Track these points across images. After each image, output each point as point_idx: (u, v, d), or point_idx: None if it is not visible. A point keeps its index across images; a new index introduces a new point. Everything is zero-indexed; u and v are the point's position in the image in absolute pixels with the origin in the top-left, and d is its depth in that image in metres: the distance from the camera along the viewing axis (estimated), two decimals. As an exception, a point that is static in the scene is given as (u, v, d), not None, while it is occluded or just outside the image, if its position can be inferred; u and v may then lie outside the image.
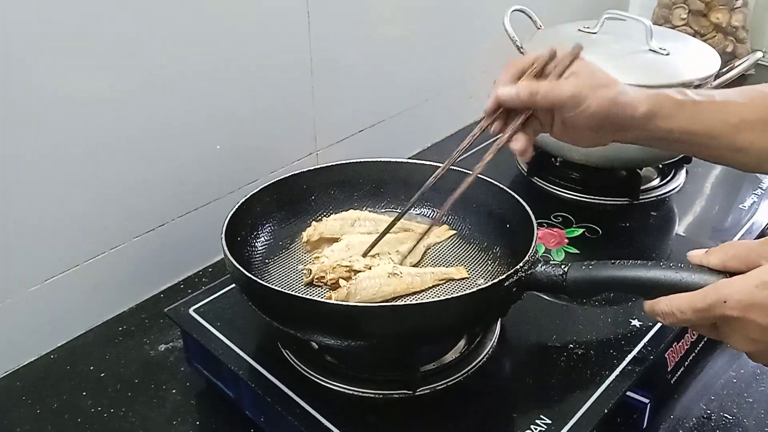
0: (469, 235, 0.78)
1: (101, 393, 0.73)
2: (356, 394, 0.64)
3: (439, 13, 1.12)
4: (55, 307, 0.78)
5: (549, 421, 0.61)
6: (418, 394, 0.64)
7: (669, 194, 0.97)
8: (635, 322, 0.71)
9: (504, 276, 0.61)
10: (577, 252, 0.84)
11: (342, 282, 0.68)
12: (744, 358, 0.68)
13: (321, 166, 0.81)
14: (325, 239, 0.75)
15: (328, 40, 0.95)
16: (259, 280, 0.62)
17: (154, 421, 0.70)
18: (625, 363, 0.67)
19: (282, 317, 0.64)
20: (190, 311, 0.73)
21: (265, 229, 0.77)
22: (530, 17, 1.02)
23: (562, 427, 0.60)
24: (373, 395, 0.64)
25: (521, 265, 0.62)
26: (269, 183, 0.76)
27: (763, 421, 0.71)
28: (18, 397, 0.73)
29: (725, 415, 0.72)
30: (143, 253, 0.84)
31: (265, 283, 0.62)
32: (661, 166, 1.02)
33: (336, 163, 0.81)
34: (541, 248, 0.84)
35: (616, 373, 0.66)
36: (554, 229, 0.88)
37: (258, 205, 0.75)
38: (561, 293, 0.63)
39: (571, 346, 0.69)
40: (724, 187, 1.01)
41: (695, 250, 0.56)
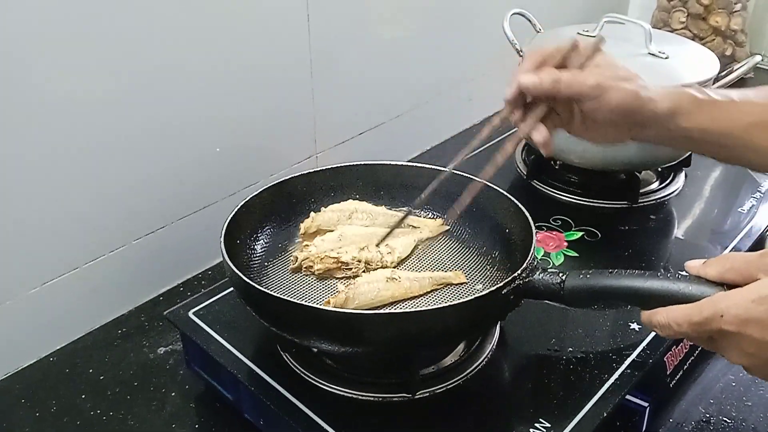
0: (468, 239, 0.78)
1: (100, 395, 0.73)
2: (355, 397, 0.64)
3: (439, 16, 1.12)
4: (55, 309, 0.78)
5: (548, 425, 0.61)
6: (418, 397, 0.64)
7: (668, 197, 0.97)
8: (634, 326, 0.71)
9: (501, 284, 0.61)
10: (577, 255, 0.84)
11: (340, 287, 0.68)
12: (743, 362, 0.68)
13: (321, 168, 0.81)
14: (323, 231, 0.75)
15: (328, 42, 0.95)
16: (258, 286, 0.62)
17: (153, 424, 0.70)
18: (624, 366, 0.67)
19: (280, 323, 0.64)
20: (190, 314, 0.73)
21: (265, 232, 0.77)
22: (529, 20, 1.03)
23: (561, 430, 0.60)
24: (373, 398, 0.64)
25: (519, 272, 0.62)
26: (269, 185, 0.76)
27: (762, 424, 0.71)
28: (17, 399, 0.73)
29: (724, 419, 0.72)
30: (143, 255, 0.84)
31: (264, 289, 0.62)
32: (660, 169, 1.03)
33: (336, 165, 0.81)
34: (540, 251, 0.84)
35: (616, 376, 0.66)
36: (553, 233, 0.88)
37: (257, 208, 0.75)
38: (558, 301, 0.64)
39: (571, 350, 0.69)
40: (723, 191, 1.02)
41: (693, 261, 0.56)
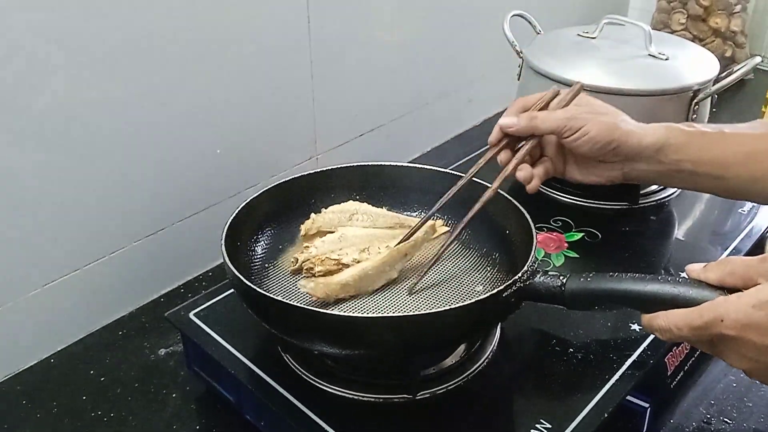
0: (468, 241, 0.78)
1: (101, 397, 0.73)
2: (357, 398, 0.64)
3: (438, 17, 1.12)
4: (56, 311, 0.78)
5: (549, 426, 0.61)
6: (419, 398, 0.64)
7: (668, 198, 0.97)
8: (635, 327, 0.71)
9: (502, 287, 0.61)
10: (577, 256, 0.84)
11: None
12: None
13: (321, 169, 0.81)
14: (324, 232, 0.75)
15: (329, 44, 0.95)
16: (258, 289, 0.62)
17: (154, 426, 0.70)
18: (624, 367, 0.67)
19: (281, 326, 0.64)
20: (191, 315, 0.73)
21: (265, 233, 0.77)
22: (530, 22, 1.03)
23: (562, 431, 0.60)
24: (374, 399, 0.64)
25: (519, 275, 0.62)
26: (269, 187, 0.76)
27: (763, 425, 0.71)
28: (18, 401, 0.73)
29: (725, 420, 0.72)
30: (143, 257, 0.84)
31: (264, 292, 0.62)
32: (660, 170, 1.03)
33: (336, 166, 0.81)
34: (540, 252, 0.84)
35: (616, 377, 0.66)
36: (554, 234, 0.88)
37: (258, 210, 0.75)
38: (559, 304, 0.64)
39: (571, 351, 0.69)
40: (724, 192, 1.02)
41: (694, 264, 0.57)
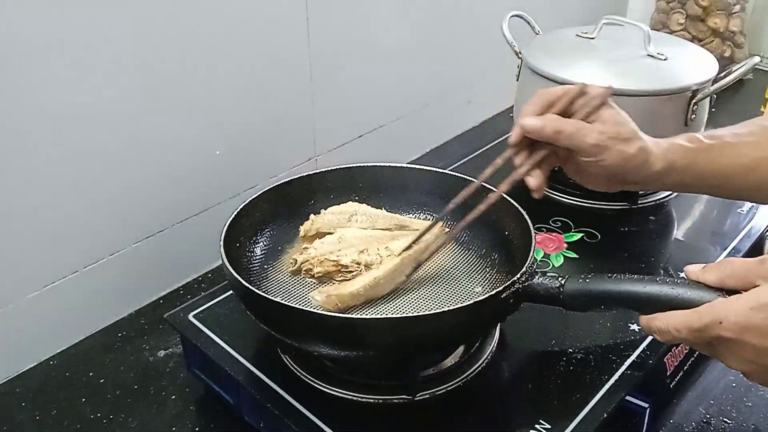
0: (467, 242, 0.78)
1: (101, 399, 0.73)
2: (356, 399, 0.64)
3: (437, 18, 1.12)
4: (55, 313, 0.78)
5: (548, 426, 0.61)
6: (418, 399, 0.64)
7: (667, 199, 0.97)
8: (634, 327, 0.71)
9: (501, 288, 0.61)
10: (576, 257, 0.84)
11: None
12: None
13: (320, 170, 0.81)
14: (323, 233, 0.75)
15: (328, 45, 0.95)
16: (257, 291, 0.62)
17: (154, 427, 0.70)
18: (624, 367, 0.67)
19: (279, 327, 0.64)
20: (190, 317, 0.73)
21: (264, 234, 0.77)
22: (528, 23, 1.03)
23: (561, 431, 0.60)
24: (373, 400, 0.64)
25: (518, 277, 0.62)
26: (268, 188, 0.76)
27: (763, 425, 0.71)
28: (17, 403, 0.73)
29: (725, 420, 0.72)
30: (143, 258, 0.84)
31: (263, 294, 0.62)
32: (659, 170, 1.03)
33: (335, 167, 0.81)
34: (540, 253, 0.84)
35: (616, 377, 0.66)
36: (553, 234, 0.88)
37: (257, 211, 0.75)
38: (557, 305, 0.64)
39: (571, 351, 0.69)
40: (723, 192, 1.02)
41: (692, 266, 0.57)
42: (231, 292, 0.74)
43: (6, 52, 0.66)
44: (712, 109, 1.00)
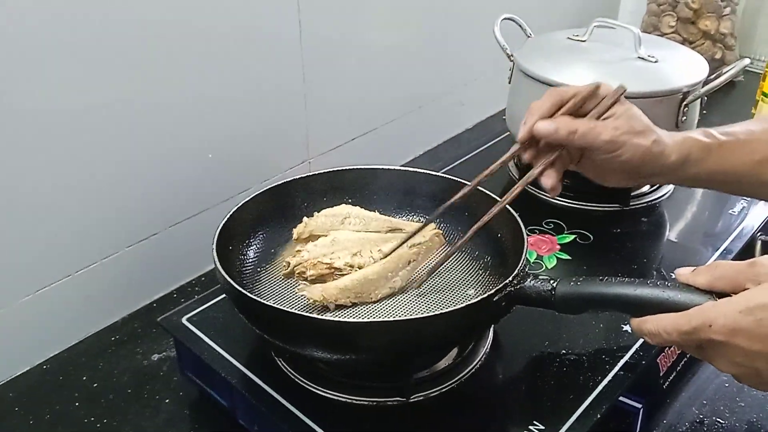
0: (461, 244, 0.78)
1: (94, 403, 0.73)
2: (350, 401, 0.64)
3: (430, 21, 1.12)
4: (48, 317, 0.78)
5: (542, 427, 0.61)
6: (412, 401, 0.64)
7: (659, 200, 0.98)
8: (627, 328, 0.72)
9: (493, 291, 0.61)
10: (569, 258, 0.85)
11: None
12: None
13: (313, 173, 0.81)
14: (316, 236, 0.76)
15: (320, 48, 0.95)
16: (250, 294, 0.62)
17: (148, 431, 0.70)
18: (617, 368, 0.67)
19: (272, 331, 0.64)
20: (183, 320, 0.73)
21: (258, 237, 0.77)
22: (520, 25, 1.03)
23: (555, 432, 0.60)
24: (367, 403, 0.64)
25: (510, 280, 0.62)
26: (260, 191, 0.76)
27: (756, 425, 0.71)
28: (11, 407, 0.72)
29: (718, 420, 0.72)
30: (136, 262, 0.84)
31: (256, 298, 0.62)
32: (651, 172, 1.03)
33: (328, 170, 0.81)
34: (532, 255, 0.85)
35: (609, 378, 0.66)
36: (546, 236, 0.89)
37: (249, 214, 0.75)
38: (549, 308, 0.64)
39: (564, 352, 0.69)
40: (714, 193, 1.02)
41: (683, 268, 0.57)
42: (224, 295, 0.74)
43: (1, 54, 0.66)
44: (703, 111, 1.01)
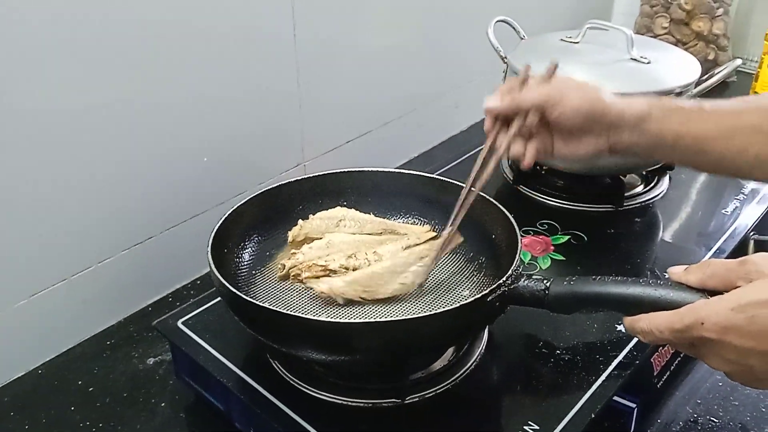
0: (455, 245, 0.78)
1: (90, 407, 0.73)
2: (346, 403, 0.64)
3: (425, 24, 1.13)
4: (43, 321, 0.78)
5: (537, 427, 0.61)
6: (407, 402, 0.64)
7: (653, 200, 0.98)
8: (621, 328, 0.72)
9: (487, 291, 0.61)
10: (563, 259, 0.85)
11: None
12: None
13: (308, 176, 0.81)
14: (311, 238, 0.76)
15: (315, 51, 0.96)
16: (245, 297, 0.62)
17: (144, 435, 0.70)
18: (611, 368, 0.67)
19: (268, 333, 0.64)
20: (179, 324, 0.73)
21: (253, 240, 0.77)
22: (514, 28, 1.04)
23: (550, 432, 0.61)
24: (363, 404, 0.64)
25: (504, 280, 0.63)
26: (256, 194, 0.77)
27: (750, 423, 0.72)
28: (6, 412, 0.72)
29: (711, 419, 0.72)
30: (131, 266, 0.84)
31: (251, 300, 0.62)
32: (644, 173, 1.04)
33: (323, 173, 0.81)
34: (527, 255, 0.85)
35: (603, 378, 0.66)
36: (540, 237, 0.89)
37: (245, 217, 0.75)
38: (543, 308, 0.64)
39: (558, 352, 0.70)
40: (707, 193, 1.03)
41: (675, 267, 0.57)
42: (220, 298, 0.75)
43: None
44: (696, 112, 1.01)
